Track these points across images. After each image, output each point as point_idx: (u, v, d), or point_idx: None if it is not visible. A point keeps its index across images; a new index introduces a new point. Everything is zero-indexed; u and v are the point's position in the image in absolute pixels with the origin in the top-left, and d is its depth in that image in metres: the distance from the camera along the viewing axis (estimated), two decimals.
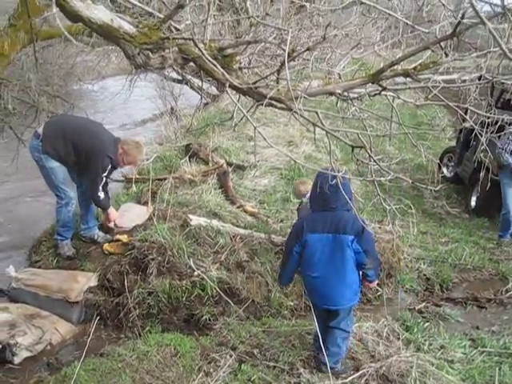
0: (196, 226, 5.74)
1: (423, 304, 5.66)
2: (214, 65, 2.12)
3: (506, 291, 6.04)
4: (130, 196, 7.11)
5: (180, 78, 13.04)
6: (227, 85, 2.13)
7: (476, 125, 3.37)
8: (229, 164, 7.86)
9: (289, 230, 6.51)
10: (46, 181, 5.73)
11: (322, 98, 3.63)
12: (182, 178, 7.06)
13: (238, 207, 6.89)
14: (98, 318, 5.15)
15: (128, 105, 12.79)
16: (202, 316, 4.98)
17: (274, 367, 3.97)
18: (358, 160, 2.35)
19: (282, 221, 6.75)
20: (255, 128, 2.20)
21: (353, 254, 3.87)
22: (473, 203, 8.62)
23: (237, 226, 6.11)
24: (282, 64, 2.23)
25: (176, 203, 6.56)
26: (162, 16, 2.32)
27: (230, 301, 5.00)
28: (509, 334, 5.15)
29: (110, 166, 5.58)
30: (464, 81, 2.98)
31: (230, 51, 2.31)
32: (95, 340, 4.71)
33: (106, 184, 5.75)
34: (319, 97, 3.13)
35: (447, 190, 9.40)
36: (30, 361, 4.61)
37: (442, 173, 9.81)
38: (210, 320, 4.97)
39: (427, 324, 5.09)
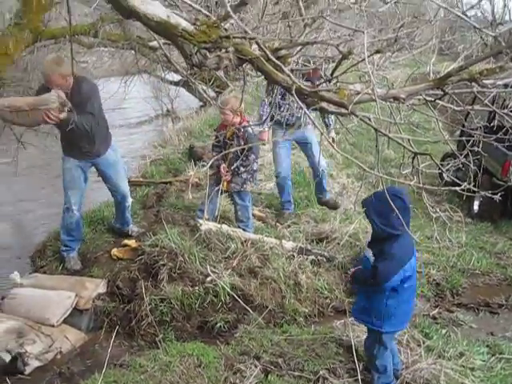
0: (206, 231, 5.62)
1: (436, 310, 5.60)
2: (279, 66, 2.01)
3: None
4: (135, 200, 6.95)
5: (176, 80, 12.94)
6: (293, 88, 2.02)
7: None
8: None
9: (298, 235, 6.47)
10: None
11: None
12: (187, 181, 6.93)
13: None
14: (109, 326, 5.02)
15: (122, 106, 12.62)
16: (216, 323, 4.86)
17: (300, 377, 3.86)
18: (413, 167, 2.26)
19: (289, 226, 6.64)
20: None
21: None
22: (475, 207, 8.59)
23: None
24: (337, 66, 2.13)
25: (183, 207, 6.43)
26: (209, 14, 2.22)
27: (248, 308, 4.88)
28: None
29: None
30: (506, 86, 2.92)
31: (283, 52, 2.21)
32: (106, 349, 4.55)
33: None
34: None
35: (449, 195, 9.37)
36: (40, 371, 4.44)
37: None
38: (224, 327, 4.86)
39: (445, 331, 5.03)
